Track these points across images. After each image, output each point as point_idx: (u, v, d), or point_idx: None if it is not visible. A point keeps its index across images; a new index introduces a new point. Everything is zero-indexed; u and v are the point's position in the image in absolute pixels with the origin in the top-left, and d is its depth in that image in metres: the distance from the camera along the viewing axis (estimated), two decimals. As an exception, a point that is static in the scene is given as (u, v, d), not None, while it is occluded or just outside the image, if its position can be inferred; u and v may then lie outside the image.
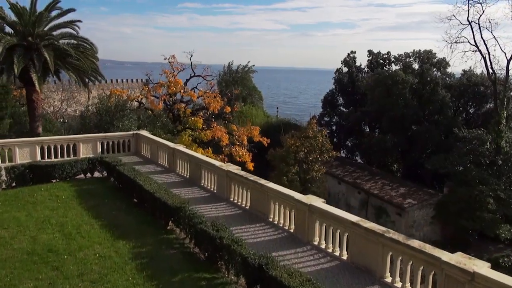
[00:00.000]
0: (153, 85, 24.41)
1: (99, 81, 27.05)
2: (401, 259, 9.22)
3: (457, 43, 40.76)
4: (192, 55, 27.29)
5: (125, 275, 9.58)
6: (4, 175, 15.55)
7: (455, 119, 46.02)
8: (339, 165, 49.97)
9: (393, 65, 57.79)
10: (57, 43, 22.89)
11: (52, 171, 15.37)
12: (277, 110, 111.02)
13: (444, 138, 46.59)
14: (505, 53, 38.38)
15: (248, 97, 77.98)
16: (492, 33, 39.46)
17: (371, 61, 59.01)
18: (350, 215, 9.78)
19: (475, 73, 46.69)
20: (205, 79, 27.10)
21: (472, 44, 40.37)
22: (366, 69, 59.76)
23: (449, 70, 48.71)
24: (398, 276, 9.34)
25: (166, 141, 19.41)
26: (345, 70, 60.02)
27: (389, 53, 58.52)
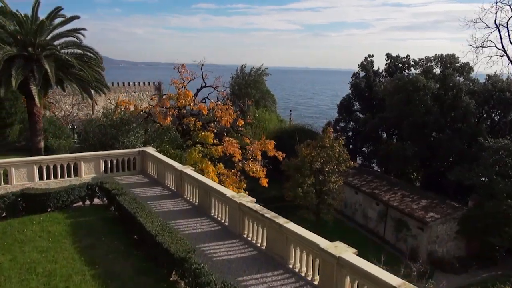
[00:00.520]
0: (160, 97, 22.82)
1: (104, 92, 25.66)
2: None
3: (483, 47, 38.61)
4: (203, 65, 25.65)
5: None
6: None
7: (479, 127, 43.74)
8: (355, 173, 48.00)
9: (413, 69, 55.65)
10: (59, 53, 21.40)
11: (46, 200, 13.89)
12: (291, 113, 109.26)
13: (467, 147, 44.32)
14: (535, 58, 36.15)
15: (261, 100, 76.37)
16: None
17: (389, 65, 56.84)
18: (391, 277, 8.00)
19: (501, 78, 44.32)
20: (216, 89, 25.45)
21: (499, 48, 38.26)
22: (384, 73, 57.61)
23: (473, 75, 46.36)
24: None
25: (173, 162, 17.81)
26: (362, 74, 57.95)
27: (408, 56, 56.32)
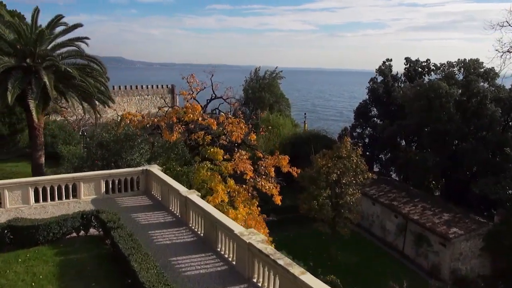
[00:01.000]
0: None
1: (108, 105, 24.40)
2: None
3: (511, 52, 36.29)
4: (212, 75, 24.15)
5: None
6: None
7: (505, 136, 41.44)
8: (373, 183, 45.96)
9: (433, 73, 53.50)
10: (58, 64, 20.02)
11: (35, 233, 12.55)
12: (305, 116, 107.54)
13: (492, 156, 42.08)
14: None
15: (275, 104, 74.89)
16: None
17: (409, 70, 54.73)
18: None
19: (529, 84, 42.00)
20: (227, 101, 23.89)
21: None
22: (403, 78, 55.49)
23: (498, 81, 44.04)
24: None
25: (177, 185, 16.34)
26: (380, 79, 55.88)
27: (428, 60, 54.14)
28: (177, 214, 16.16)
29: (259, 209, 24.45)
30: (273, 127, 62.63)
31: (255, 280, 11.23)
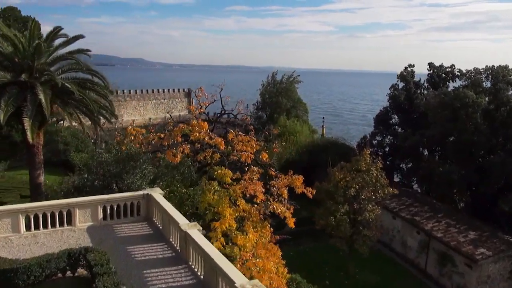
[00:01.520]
0: (169, 130, 19.85)
1: (110, 121, 23.15)
2: None
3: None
4: (222, 89, 22.62)
5: None
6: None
7: (537, 149, 38.88)
8: (394, 195, 43.75)
9: (457, 79, 51.01)
10: (55, 79, 18.65)
11: (13, 277, 11.23)
12: (323, 120, 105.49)
13: (522, 170, 39.51)
14: None
15: (292, 109, 73.31)
16: None
17: (432, 76, 52.33)
18: None
19: None
20: (237, 117, 22.28)
21: None
22: (425, 84, 53.09)
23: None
24: None
25: (178, 216, 14.86)
26: (402, 85, 53.57)
27: (453, 66, 51.65)
28: (177, 248, 14.69)
29: (272, 229, 22.90)
30: (289, 133, 61.06)
31: None
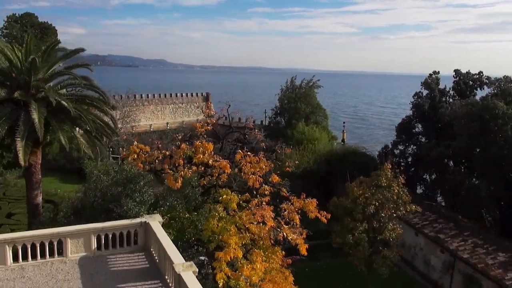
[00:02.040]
0: (178, 144, 18.49)
1: (110, 139, 21.98)
2: None
3: None
4: (229, 105, 21.19)
5: None
6: None
7: None
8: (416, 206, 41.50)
9: (486, 87, 48.45)
10: (50, 96, 17.41)
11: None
12: (344, 125, 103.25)
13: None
14: None
15: (311, 115, 71.62)
16: None
17: (458, 83, 49.85)
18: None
19: None
20: (246, 137, 20.69)
21: None
22: (451, 92, 50.61)
23: None
24: None
25: (173, 253, 13.49)
26: (426, 92, 51.18)
27: (481, 73, 49.06)
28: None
29: (284, 253, 21.40)
30: (308, 141, 59.36)
31: None
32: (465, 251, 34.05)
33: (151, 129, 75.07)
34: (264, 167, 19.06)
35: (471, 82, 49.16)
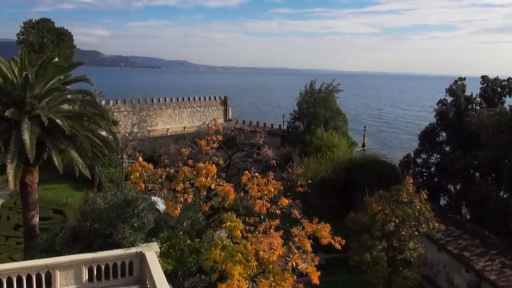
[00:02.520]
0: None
1: (111, 157, 20.92)
2: None
3: None
4: (236, 123, 19.79)
5: None
6: None
7: None
8: (439, 223, 39.41)
9: (515, 94, 45.92)
10: (41, 114, 16.18)
11: None
12: (364, 130, 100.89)
13: None
14: None
15: (331, 120, 69.73)
16: None
17: (485, 90, 47.37)
18: None
19: None
20: (255, 156, 19.26)
21: None
22: (478, 99, 48.14)
23: None
24: None
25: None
26: (450, 99, 48.80)
27: (510, 79, 46.51)
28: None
29: (295, 277, 20.01)
30: (326, 147, 57.59)
31: None
32: (492, 271, 31.87)
33: (168, 133, 74.40)
34: (273, 190, 17.68)
35: (499, 89, 46.63)
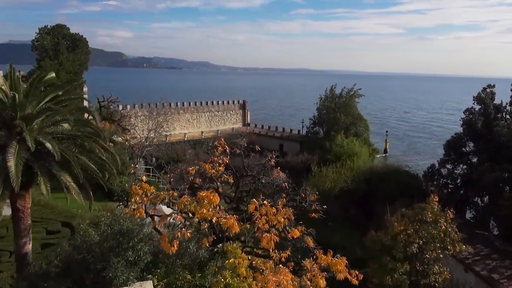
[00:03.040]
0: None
1: (108, 180, 19.63)
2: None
3: None
4: (242, 144, 18.35)
5: None
6: None
7: None
8: (466, 239, 37.00)
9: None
10: (27, 137, 14.74)
11: None
12: (387, 134, 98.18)
13: None
14: None
15: (351, 126, 67.67)
16: None
17: (517, 97, 44.56)
18: None
19: None
20: (263, 182, 17.59)
21: None
22: (508, 107, 45.35)
23: None
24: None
25: None
26: (478, 107, 46.15)
27: (544, 86, 43.58)
28: None
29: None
30: (347, 155, 55.64)
31: None
32: (524, 297, 29.53)
33: (185, 138, 73.51)
34: (282, 220, 16.04)
35: (531, 96, 43.81)
